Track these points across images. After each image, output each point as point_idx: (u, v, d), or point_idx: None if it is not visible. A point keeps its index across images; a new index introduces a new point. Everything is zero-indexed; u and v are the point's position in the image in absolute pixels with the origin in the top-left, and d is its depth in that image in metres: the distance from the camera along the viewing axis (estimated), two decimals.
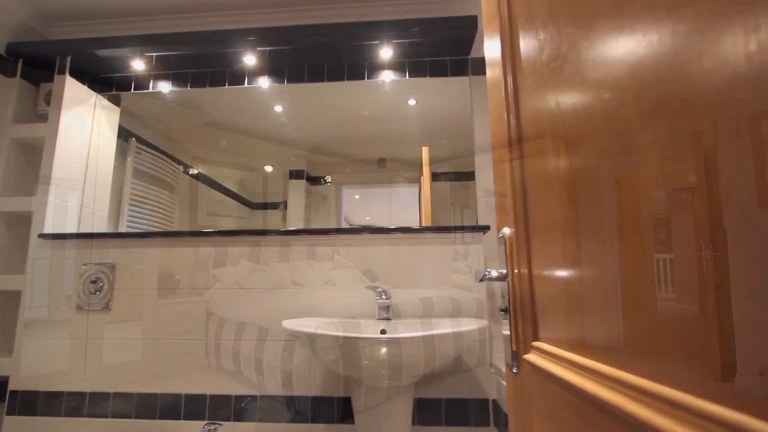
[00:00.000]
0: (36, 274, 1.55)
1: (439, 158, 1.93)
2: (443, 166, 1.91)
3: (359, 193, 2.29)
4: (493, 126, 0.69)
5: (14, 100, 1.71)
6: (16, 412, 1.46)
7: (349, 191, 2.35)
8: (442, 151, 1.97)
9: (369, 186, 2.31)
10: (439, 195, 1.89)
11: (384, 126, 2.21)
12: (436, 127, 2.02)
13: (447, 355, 1.10)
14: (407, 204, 2.19)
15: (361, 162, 2.25)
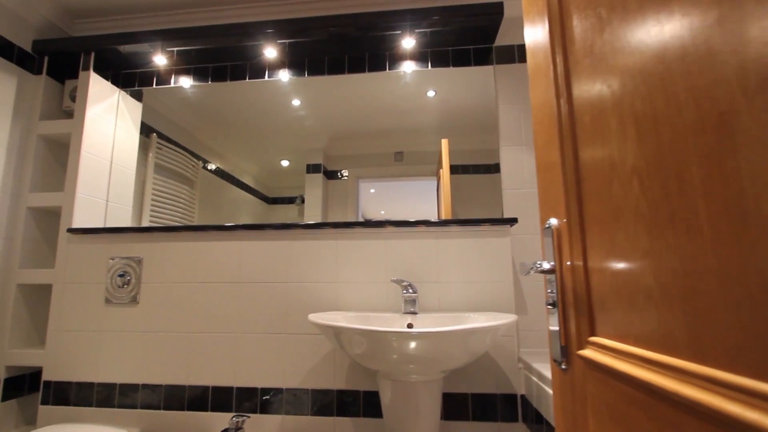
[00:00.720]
0: (66, 268, 1.58)
1: (459, 150, 1.90)
2: (463, 158, 1.88)
3: (376, 187, 2.28)
4: (537, 113, 0.66)
5: (41, 97, 1.73)
6: (50, 402, 1.50)
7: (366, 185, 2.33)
8: (462, 144, 1.94)
9: (386, 180, 2.29)
10: (459, 188, 1.86)
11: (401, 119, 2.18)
12: (456, 119, 1.98)
13: (477, 349, 1.08)
14: (424, 198, 2.16)
15: (378, 155, 2.23)
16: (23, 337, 1.64)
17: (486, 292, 1.37)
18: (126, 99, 1.88)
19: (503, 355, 1.34)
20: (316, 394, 1.39)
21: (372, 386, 1.37)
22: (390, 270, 1.42)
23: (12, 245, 1.64)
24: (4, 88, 1.62)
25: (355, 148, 2.24)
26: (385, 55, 1.74)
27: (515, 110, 1.64)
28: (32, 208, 1.67)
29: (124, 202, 1.87)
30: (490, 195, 1.83)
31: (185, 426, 1.42)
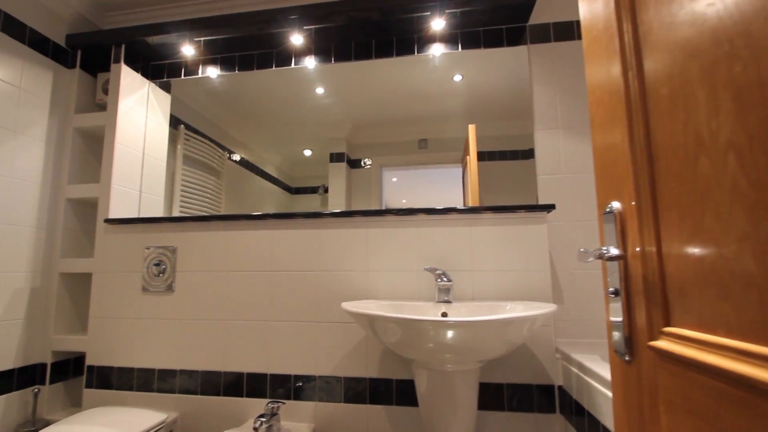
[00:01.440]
0: (104, 257, 1.63)
1: (486, 137, 1.84)
2: (490, 144, 1.83)
3: (399, 175, 2.25)
4: (595, 91, 0.62)
5: (75, 91, 1.77)
6: (93, 386, 1.56)
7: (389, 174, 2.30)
8: (488, 129, 1.88)
9: (410, 168, 2.26)
10: (486, 175, 1.82)
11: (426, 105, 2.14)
12: (483, 104, 1.92)
13: (514, 340, 1.05)
14: (448, 186, 2.12)
15: (402, 143, 2.19)
16: (67, 324, 1.70)
17: (521, 280, 1.33)
18: (155, 91, 1.90)
19: (540, 345, 1.31)
20: (348, 382, 1.39)
21: (405, 375, 1.36)
22: (422, 258, 1.39)
23: (53, 236, 1.70)
24: (42, 82, 1.66)
25: (379, 136, 2.21)
26: (414, 38, 1.69)
27: (551, 92, 1.57)
28: (71, 199, 1.72)
29: (156, 193, 1.91)
30: (518, 182, 1.78)
31: (222, 411, 1.46)
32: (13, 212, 1.54)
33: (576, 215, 1.50)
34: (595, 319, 1.46)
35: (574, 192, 1.52)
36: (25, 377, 1.58)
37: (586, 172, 1.52)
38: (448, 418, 1.12)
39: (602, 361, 1.16)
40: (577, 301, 1.47)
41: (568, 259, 1.49)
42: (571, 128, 1.55)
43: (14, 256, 1.55)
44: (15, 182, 1.55)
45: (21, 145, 1.58)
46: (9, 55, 1.53)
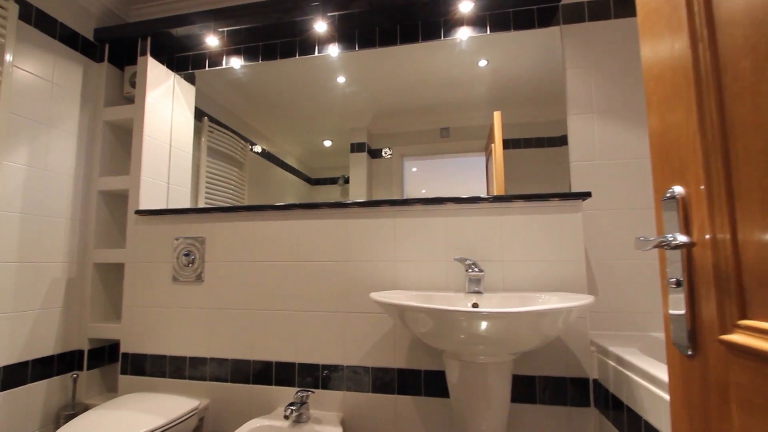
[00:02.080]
0: (135, 247, 1.66)
1: (510, 124, 1.79)
2: (514, 132, 1.78)
3: (420, 164, 2.21)
4: (654, 67, 0.58)
5: (104, 84, 1.79)
6: (128, 372, 1.61)
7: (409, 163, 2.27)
8: (513, 117, 1.83)
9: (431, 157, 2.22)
10: (510, 164, 1.77)
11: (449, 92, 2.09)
12: (509, 90, 1.86)
13: (549, 332, 1.02)
14: (470, 175, 2.08)
15: (424, 132, 2.16)
16: (101, 312, 1.76)
17: (554, 271, 1.29)
18: (180, 83, 1.91)
19: (574, 337, 1.27)
20: (376, 372, 1.39)
21: (433, 366, 1.35)
22: (450, 248, 1.37)
23: (87, 227, 1.75)
24: (72, 76, 1.69)
25: (400, 126, 2.18)
26: (440, 21, 1.64)
27: (585, 75, 1.51)
28: (102, 191, 1.76)
29: (183, 184, 1.93)
30: (545, 170, 1.72)
31: (251, 398, 1.48)
32: (49, 204, 1.59)
33: (612, 203, 1.45)
34: (632, 311, 1.41)
35: (610, 179, 1.46)
36: (64, 363, 1.64)
37: (624, 158, 1.46)
38: (481, 410, 1.10)
39: (642, 354, 1.11)
40: (612, 292, 1.42)
41: (603, 249, 1.44)
42: (607, 112, 1.48)
43: (51, 247, 1.59)
44: (50, 175, 1.60)
45: (54, 138, 1.61)
46: (42, 51, 1.56)
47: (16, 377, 1.46)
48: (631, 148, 1.46)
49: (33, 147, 1.53)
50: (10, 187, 1.45)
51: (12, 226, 1.45)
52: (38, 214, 1.55)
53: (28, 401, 1.50)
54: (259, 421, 1.30)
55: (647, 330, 1.40)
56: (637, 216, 1.44)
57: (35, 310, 1.53)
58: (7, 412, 1.43)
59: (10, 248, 1.45)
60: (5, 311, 1.43)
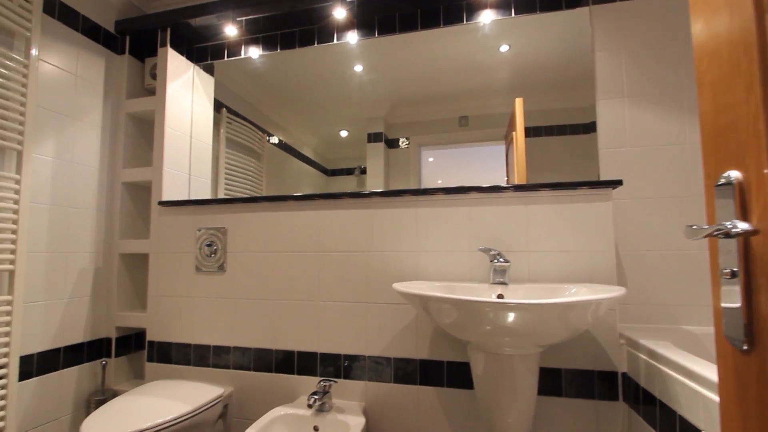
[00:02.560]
0: (159, 238, 1.68)
1: (531, 111, 1.74)
2: (535, 119, 1.73)
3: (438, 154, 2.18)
4: (708, 43, 0.54)
5: (125, 77, 1.81)
6: (154, 360, 1.64)
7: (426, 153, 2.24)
8: (534, 104, 1.77)
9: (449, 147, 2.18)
10: (531, 152, 1.73)
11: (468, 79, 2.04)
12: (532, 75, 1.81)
13: (578, 324, 0.99)
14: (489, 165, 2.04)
15: (442, 121, 2.12)
16: (128, 302, 1.80)
17: (582, 262, 1.25)
18: (200, 74, 1.91)
19: (602, 329, 1.24)
20: (398, 363, 1.38)
21: (456, 357, 1.33)
22: (474, 238, 1.34)
23: (112, 218, 1.78)
24: (95, 69, 1.71)
25: (418, 115, 2.15)
26: (462, 5, 1.59)
27: (615, 57, 1.44)
28: (126, 183, 1.79)
29: (204, 176, 1.95)
30: (568, 159, 1.68)
31: (274, 387, 1.49)
32: (76, 196, 1.62)
33: (642, 192, 1.39)
34: (662, 304, 1.36)
35: (641, 167, 1.40)
36: (94, 350, 1.69)
37: (656, 144, 1.40)
38: (506, 402, 1.08)
39: (675, 348, 1.07)
40: (642, 284, 1.38)
41: (632, 239, 1.39)
42: (638, 97, 1.42)
43: (79, 238, 1.63)
44: (76, 167, 1.62)
45: (79, 131, 1.64)
46: (66, 44, 1.58)
47: (49, 363, 1.51)
48: (664, 134, 1.40)
49: (59, 139, 1.56)
50: (39, 179, 1.48)
51: (42, 217, 1.49)
52: (66, 205, 1.58)
53: (61, 386, 1.55)
54: (282, 409, 1.31)
55: (678, 323, 1.36)
56: (669, 204, 1.38)
57: (65, 299, 1.57)
58: (42, 397, 1.48)
59: (41, 239, 1.48)
60: (38, 300, 1.47)
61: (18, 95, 1.36)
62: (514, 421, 1.09)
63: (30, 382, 1.44)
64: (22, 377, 1.40)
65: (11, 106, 1.34)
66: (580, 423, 1.23)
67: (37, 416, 1.47)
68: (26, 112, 1.37)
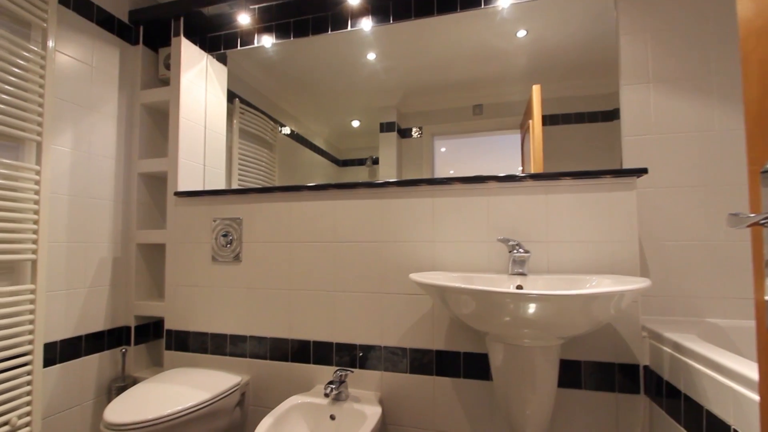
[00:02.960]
0: (175, 228, 1.70)
1: (547, 99, 1.70)
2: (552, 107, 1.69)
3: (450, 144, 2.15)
4: (753, 21, 0.50)
5: (140, 67, 1.81)
6: (172, 348, 1.67)
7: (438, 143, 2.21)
8: (551, 91, 1.73)
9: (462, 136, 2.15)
10: (549, 140, 1.69)
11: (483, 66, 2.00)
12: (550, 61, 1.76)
13: (600, 317, 0.96)
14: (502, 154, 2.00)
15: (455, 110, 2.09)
16: (146, 291, 1.82)
17: (604, 253, 1.22)
18: (213, 63, 1.90)
19: (623, 321, 1.21)
20: (414, 353, 1.38)
21: (473, 348, 1.32)
22: (492, 229, 1.32)
23: (129, 208, 1.80)
24: (110, 60, 1.71)
25: (431, 104, 2.11)
26: None
27: (641, 41, 1.39)
28: (142, 173, 1.80)
29: (218, 166, 1.95)
30: (586, 148, 1.64)
31: (290, 376, 1.51)
32: (93, 187, 1.64)
33: (667, 180, 1.35)
34: (686, 296, 1.32)
35: (666, 155, 1.35)
36: (114, 338, 1.72)
37: (682, 131, 1.35)
38: (525, 394, 1.07)
39: (702, 341, 1.04)
40: (664, 275, 1.34)
41: (655, 229, 1.35)
42: (664, 82, 1.37)
43: (97, 228, 1.65)
44: (93, 158, 1.64)
45: (96, 122, 1.65)
46: (81, 34, 1.58)
47: (71, 351, 1.54)
48: (691, 121, 1.34)
49: (77, 131, 1.57)
50: (58, 170, 1.50)
51: (61, 207, 1.51)
52: (84, 196, 1.60)
53: (83, 373, 1.59)
54: (299, 397, 1.32)
55: (703, 315, 1.32)
56: (695, 194, 1.34)
57: (85, 288, 1.60)
58: (66, 383, 1.52)
59: (61, 229, 1.50)
60: (59, 289, 1.50)
61: (36, 87, 1.37)
62: (532, 414, 1.08)
63: (54, 368, 1.47)
64: (46, 364, 1.44)
65: (30, 98, 1.35)
66: (600, 416, 1.21)
67: (62, 401, 1.50)
68: (45, 104, 1.38)
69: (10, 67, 1.29)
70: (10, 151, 1.33)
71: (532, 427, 1.08)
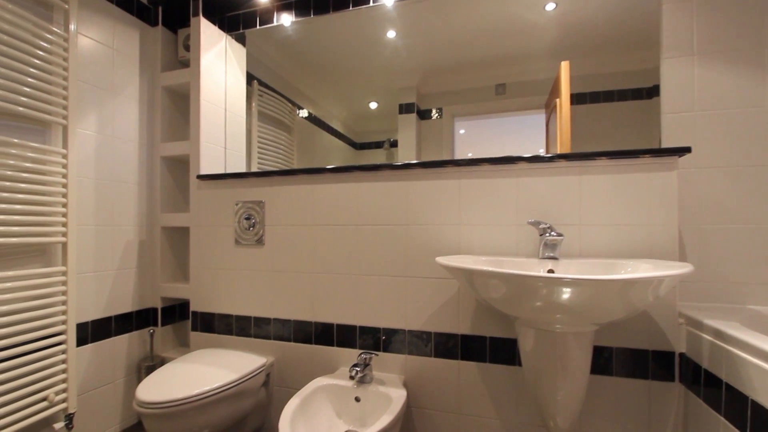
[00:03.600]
0: (199, 211, 1.70)
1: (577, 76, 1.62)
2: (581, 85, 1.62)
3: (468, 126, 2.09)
4: None
5: (160, 49, 1.80)
6: (198, 329, 1.70)
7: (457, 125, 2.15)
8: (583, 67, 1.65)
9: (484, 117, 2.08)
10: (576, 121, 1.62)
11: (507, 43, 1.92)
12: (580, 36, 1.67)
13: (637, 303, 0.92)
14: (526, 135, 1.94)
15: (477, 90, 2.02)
16: (171, 274, 1.85)
17: (640, 236, 1.17)
18: (232, 44, 1.87)
19: (659, 307, 1.16)
20: (438, 337, 1.36)
21: (499, 333, 1.30)
22: (521, 211, 1.27)
23: (153, 192, 1.81)
24: (131, 42, 1.70)
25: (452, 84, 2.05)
26: None
27: (686, 9, 1.30)
28: (165, 157, 1.80)
29: (238, 149, 1.94)
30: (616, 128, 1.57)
31: (314, 358, 1.51)
32: (118, 170, 1.65)
33: (710, 161, 1.27)
34: (726, 282, 1.26)
35: (710, 133, 1.27)
36: (141, 319, 1.76)
37: (728, 107, 1.26)
38: (556, 380, 1.04)
39: (746, 328, 0.99)
40: (703, 260, 1.28)
41: (694, 212, 1.29)
42: (710, 54, 1.28)
43: (123, 212, 1.67)
44: (117, 141, 1.65)
45: (118, 105, 1.65)
46: (101, 16, 1.57)
47: (102, 331, 1.58)
48: (739, 96, 1.25)
49: (100, 114, 1.57)
50: (84, 154, 1.51)
51: (88, 191, 1.53)
52: (110, 179, 1.61)
53: (114, 352, 1.63)
54: (324, 379, 1.32)
55: (744, 302, 1.26)
56: (740, 174, 1.26)
57: (113, 270, 1.63)
58: (98, 362, 1.56)
59: (89, 212, 1.53)
60: (89, 271, 1.53)
61: (60, 69, 1.37)
62: (563, 400, 1.05)
63: (86, 348, 1.52)
64: (79, 343, 1.48)
65: (55, 81, 1.35)
66: (630, 403, 1.18)
67: (95, 379, 1.55)
68: (69, 87, 1.38)
69: (34, 49, 1.28)
70: (38, 135, 1.35)
71: (562, 413, 1.06)
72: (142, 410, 1.13)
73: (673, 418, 1.15)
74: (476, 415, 1.32)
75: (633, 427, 1.18)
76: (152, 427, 1.15)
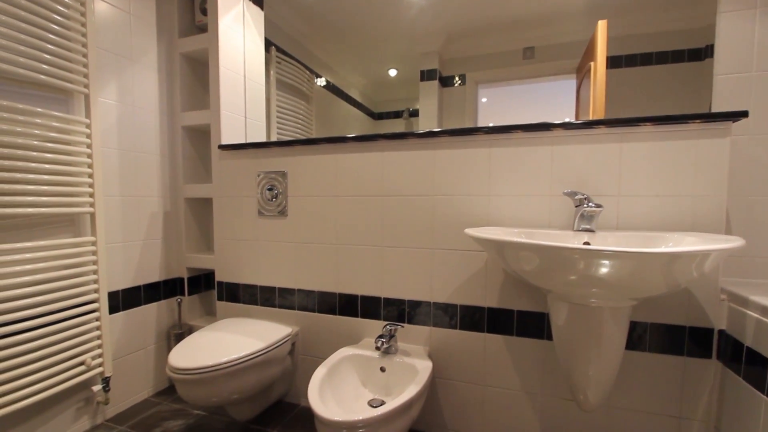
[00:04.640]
0: (221, 182, 1.69)
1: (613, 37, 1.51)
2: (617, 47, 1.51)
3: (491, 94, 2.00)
4: None
5: (176, 14, 1.74)
6: (224, 299, 1.73)
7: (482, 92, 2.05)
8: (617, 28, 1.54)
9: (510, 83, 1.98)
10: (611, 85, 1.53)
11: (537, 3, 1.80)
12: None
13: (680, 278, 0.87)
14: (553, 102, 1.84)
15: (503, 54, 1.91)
16: (195, 244, 1.87)
17: (683, 208, 1.10)
18: (250, 7, 1.80)
19: (699, 282, 1.11)
20: (464, 310, 1.35)
21: (528, 306, 1.27)
22: (555, 181, 1.21)
23: (175, 163, 1.80)
24: (148, 6, 1.64)
25: (476, 48, 1.94)
26: None
27: None
28: (185, 126, 1.78)
29: (258, 118, 1.90)
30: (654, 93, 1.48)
31: (338, 328, 1.53)
32: (141, 140, 1.64)
33: (766, 127, 1.17)
34: None
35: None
36: (168, 289, 1.80)
37: None
38: (590, 356, 1.02)
39: None
40: (749, 234, 1.21)
41: (743, 183, 1.20)
42: None
43: (146, 183, 1.67)
44: (138, 111, 1.62)
45: (138, 73, 1.62)
46: None
47: (132, 299, 1.62)
48: None
49: (120, 83, 1.55)
50: (107, 123, 1.49)
51: (112, 162, 1.52)
52: (133, 150, 1.60)
53: (144, 320, 1.68)
54: (350, 349, 1.33)
55: None
56: None
57: (140, 240, 1.65)
58: (130, 329, 1.61)
59: (113, 183, 1.53)
60: (117, 241, 1.55)
61: (79, 35, 1.33)
62: (595, 375, 1.03)
63: (118, 315, 1.56)
64: (111, 311, 1.52)
65: (74, 48, 1.32)
66: (663, 379, 1.15)
67: (128, 345, 1.61)
68: (88, 54, 1.35)
69: (52, 14, 1.25)
70: (60, 105, 1.33)
71: (593, 388, 1.04)
72: (175, 376, 1.17)
73: (707, 395, 1.12)
74: (501, 387, 1.32)
75: (663, 403, 1.16)
76: (184, 392, 1.19)
